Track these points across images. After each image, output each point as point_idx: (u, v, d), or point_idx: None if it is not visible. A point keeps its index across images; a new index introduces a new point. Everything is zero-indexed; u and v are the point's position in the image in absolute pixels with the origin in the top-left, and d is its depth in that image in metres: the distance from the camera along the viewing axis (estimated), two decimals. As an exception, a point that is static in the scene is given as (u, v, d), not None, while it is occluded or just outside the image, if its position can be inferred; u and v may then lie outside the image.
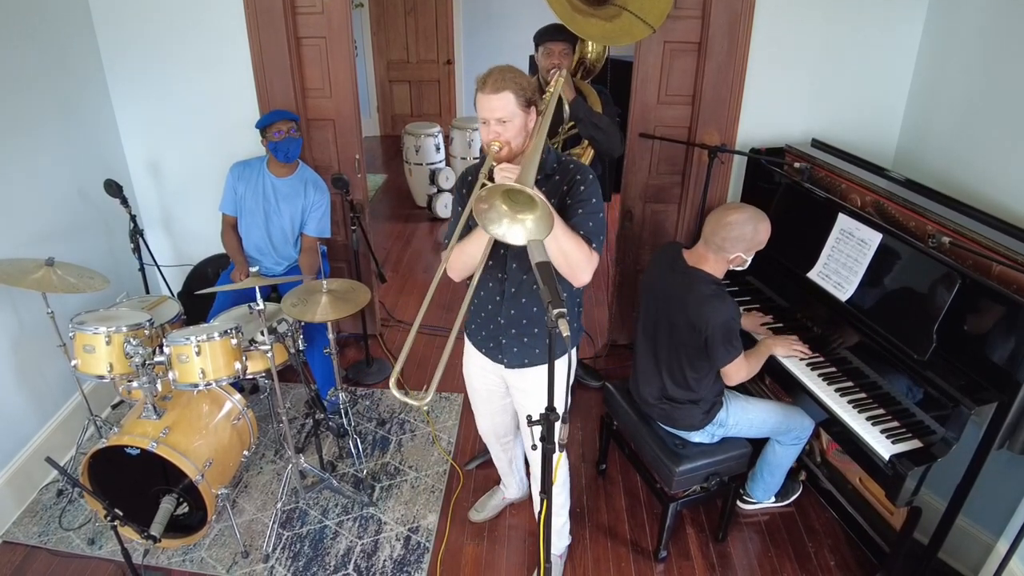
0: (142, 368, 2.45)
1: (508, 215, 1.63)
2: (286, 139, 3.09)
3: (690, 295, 2.25)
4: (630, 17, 2.73)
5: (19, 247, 2.81)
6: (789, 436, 2.58)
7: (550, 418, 1.59)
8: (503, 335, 2.13)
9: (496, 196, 1.62)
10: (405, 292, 4.70)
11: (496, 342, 2.17)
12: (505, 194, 1.63)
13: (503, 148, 1.85)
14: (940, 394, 2.06)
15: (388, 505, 2.88)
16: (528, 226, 1.62)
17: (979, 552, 2.38)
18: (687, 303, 2.25)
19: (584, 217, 1.91)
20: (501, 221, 1.63)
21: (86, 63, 3.25)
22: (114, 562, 2.59)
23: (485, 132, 1.88)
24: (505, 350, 2.15)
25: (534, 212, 1.61)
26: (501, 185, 1.60)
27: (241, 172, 3.23)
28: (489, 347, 2.20)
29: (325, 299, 2.63)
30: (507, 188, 1.59)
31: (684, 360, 2.34)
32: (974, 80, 2.72)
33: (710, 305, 2.20)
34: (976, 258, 2.14)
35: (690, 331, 2.26)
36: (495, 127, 1.84)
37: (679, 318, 2.28)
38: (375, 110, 8.16)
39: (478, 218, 1.63)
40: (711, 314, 2.19)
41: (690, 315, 2.24)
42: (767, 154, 3.10)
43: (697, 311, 2.22)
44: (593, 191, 1.94)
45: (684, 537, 2.75)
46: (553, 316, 1.39)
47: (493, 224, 1.63)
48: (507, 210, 1.64)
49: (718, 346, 2.23)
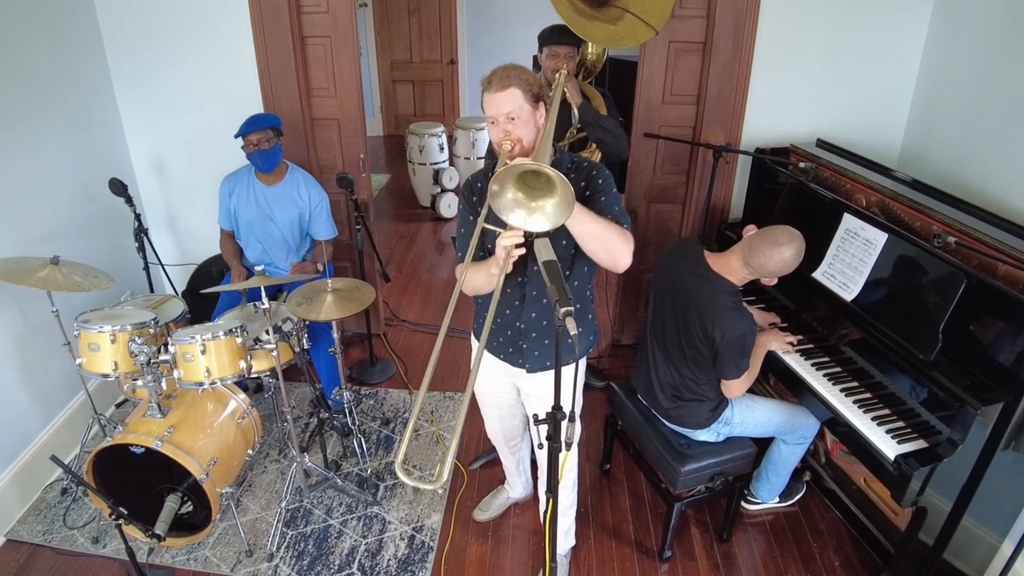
0: (147, 367, 2.44)
1: (524, 204, 1.61)
2: (256, 152, 2.97)
3: (711, 304, 2.21)
4: (632, 19, 2.73)
5: (24, 246, 2.81)
6: (794, 435, 2.58)
7: (557, 416, 1.59)
8: (523, 339, 2.10)
9: (510, 180, 1.59)
10: (409, 291, 4.70)
11: (516, 347, 2.13)
12: (520, 179, 1.61)
13: (515, 146, 1.82)
14: (946, 394, 2.05)
15: (392, 504, 2.88)
16: (549, 211, 1.60)
17: (984, 553, 2.37)
18: (707, 311, 2.21)
19: (608, 204, 1.89)
20: (516, 209, 1.61)
21: (91, 63, 3.26)
22: (118, 561, 2.60)
23: (495, 132, 1.85)
24: (527, 354, 2.12)
25: (553, 195, 1.59)
26: (514, 166, 1.57)
27: (233, 186, 3.17)
28: (508, 352, 2.16)
29: (330, 298, 2.63)
30: (523, 169, 1.56)
31: (691, 363, 2.33)
32: (979, 79, 2.71)
33: (729, 318, 2.17)
34: (982, 258, 2.14)
35: (703, 338, 2.24)
36: (504, 125, 1.82)
37: (694, 323, 2.25)
38: (379, 110, 8.17)
39: (494, 205, 1.60)
40: (728, 328, 2.17)
41: (707, 323, 2.21)
42: (772, 154, 3.10)
43: (715, 321, 2.18)
44: (610, 182, 1.94)
45: (688, 537, 2.74)
46: (560, 315, 1.38)
47: (510, 212, 1.61)
48: (523, 197, 1.61)
49: (728, 360, 2.22)
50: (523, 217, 1.62)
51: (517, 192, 1.62)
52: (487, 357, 2.22)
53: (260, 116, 3.04)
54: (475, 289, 1.97)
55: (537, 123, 1.86)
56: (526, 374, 2.17)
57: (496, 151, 1.87)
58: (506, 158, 1.81)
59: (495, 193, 1.60)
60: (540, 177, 1.60)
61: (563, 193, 1.56)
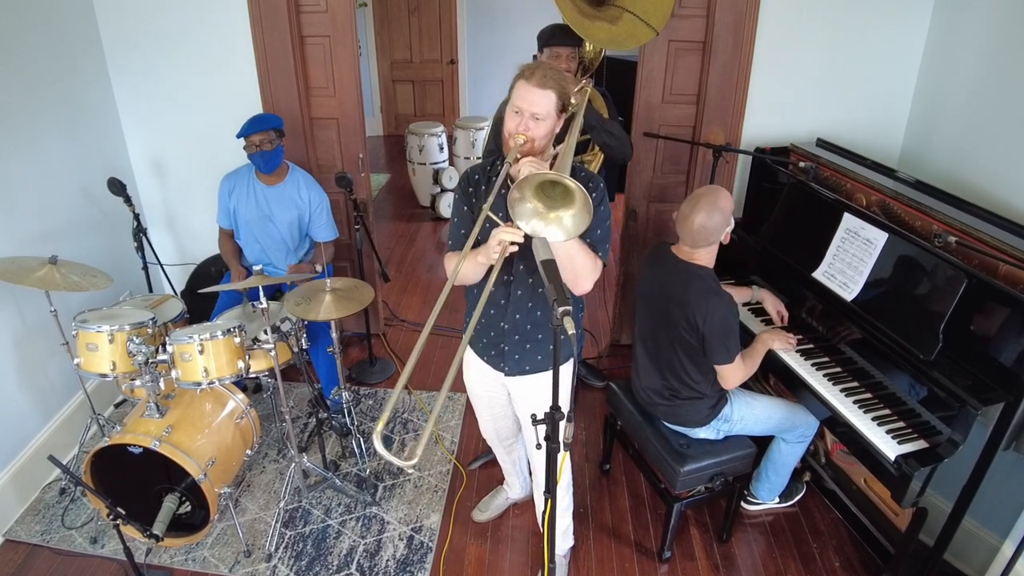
0: (145, 366, 2.44)
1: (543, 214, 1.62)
2: (258, 152, 2.98)
3: (689, 291, 2.24)
4: (633, 20, 2.72)
5: (23, 245, 2.81)
6: (794, 434, 2.57)
7: (554, 417, 1.58)
8: (505, 342, 2.10)
9: (530, 189, 1.60)
10: (408, 291, 4.69)
11: (497, 349, 2.13)
12: (539, 188, 1.61)
13: (528, 142, 1.83)
14: (946, 394, 2.04)
15: (391, 505, 2.87)
16: (565, 222, 1.61)
17: (985, 554, 2.36)
18: (685, 300, 2.24)
19: (592, 224, 1.88)
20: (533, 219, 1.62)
21: (90, 62, 3.25)
22: (116, 561, 2.59)
23: (514, 122, 1.84)
24: (507, 357, 2.13)
25: (571, 207, 1.60)
26: (537, 176, 1.57)
27: (233, 185, 3.16)
28: (491, 355, 2.17)
29: (328, 298, 2.62)
30: (545, 179, 1.57)
31: (685, 359, 2.33)
32: (980, 78, 2.71)
33: (708, 301, 2.20)
34: (982, 258, 2.13)
35: (688, 328, 2.25)
36: (528, 121, 1.82)
37: (677, 316, 2.27)
38: (379, 110, 8.17)
39: (512, 211, 1.61)
40: (709, 311, 2.19)
41: (688, 312, 2.23)
42: (772, 153, 3.09)
43: (696, 306, 2.21)
44: (602, 199, 1.93)
45: (688, 538, 2.74)
46: (559, 314, 1.38)
47: (527, 220, 1.62)
48: (542, 207, 1.62)
49: (716, 344, 2.23)
50: (540, 226, 1.63)
51: (536, 201, 1.63)
52: (477, 356, 2.23)
53: (262, 117, 3.03)
54: (462, 277, 1.95)
55: (553, 133, 1.87)
56: (505, 377, 2.17)
57: (506, 139, 1.87)
58: (516, 152, 1.81)
59: (516, 200, 1.60)
60: (558, 188, 1.61)
61: (582, 205, 1.58)
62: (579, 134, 2.94)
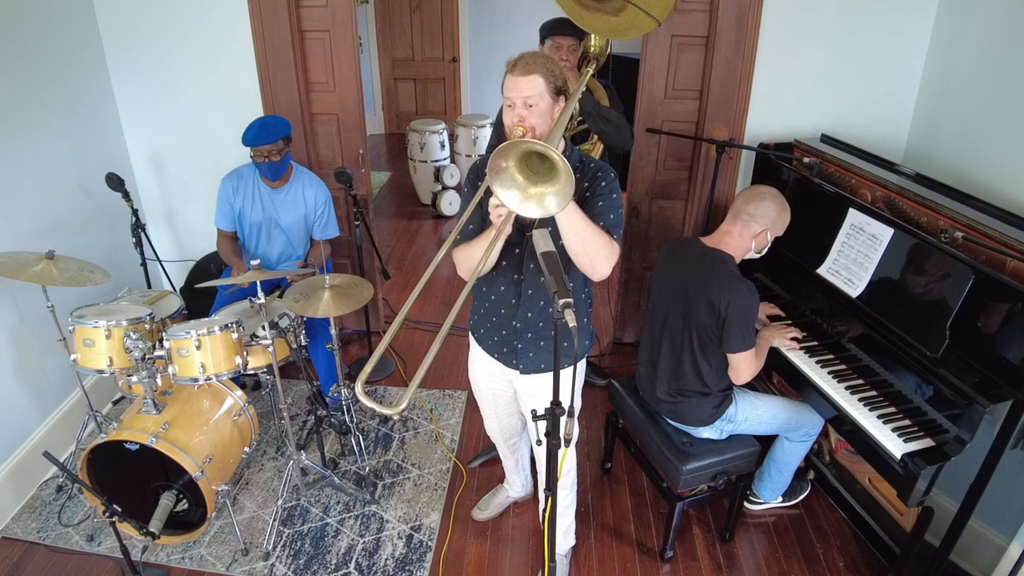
0: (142, 362, 2.42)
1: (522, 187, 1.58)
2: (266, 163, 2.94)
3: (713, 274, 2.22)
4: (635, 10, 2.70)
5: (20, 240, 2.79)
6: (798, 433, 2.54)
7: (555, 413, 1.56)
8: (518, 340, 2.08)
9: (514, 157, 1.56)
10: (409, 289, 4.67)
11: (510, 347, 2.12)
12: (524, 160, 1.58)
13: (526, 134, 1.80)
14: (953, 392, 2.02)
15: (390, 503, 2.85)
16: (545, 200, 1.56)
17: (991, 554, 2.33)
18: (709, 283, 2.21)
19: (604, 209, 1.87)
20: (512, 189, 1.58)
21: (89, 57, 3.23)
22: (113, 559, 2.57)
23: (509, 115, 1.83)
24: (521, 355, 2.11)
25: (554, 184, 1.55)
26: (524, 142, 1.53)
27: (236, 184, 3.10)
28: (503, 352, 2.15)
29: (327, 294, 2.59)
30: (529, 148, 1.53)
31: (697, 347, 2.30)
32: (985, 73, 2.68)
33: (733, 286, 2.18)
34: (990, 253, 2.10)
35: (709, 311, 2.21)
36: (521, 110, 1.80)
37: (698, 300, 2.23)
38: (380, 108, 8.15)
39: (492, 179, 1.57)
40: (734, 295, 2.16)
41: (711, 295, 2.20)
42: (776, 149, 3.07)
43: (720, 289, 2.18)
44: (614, 187, 1.91)
45: (690, 537, 2.71)
46: (559, 306, 1.35)
47: (506, 189, 1.57)
48: (523, 180, 1.58)
49: (735, 330, 2.19)
50: (517, 199, 1.59)
51: (518, 173, 1.59)
52: (484, 354, 2.20)
53: (270, 123, 2.93)
54: (472, 261, 1.90)
55: (554, 116, 1.85)
56: (519, 375, 2.15)
57: (508, 136, 1.84)
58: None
59: (499, 169, 1.56)
60: (545, 163, 1.57)
61: (564, 184, 1.53)
62: (577, 123, 2.94)
